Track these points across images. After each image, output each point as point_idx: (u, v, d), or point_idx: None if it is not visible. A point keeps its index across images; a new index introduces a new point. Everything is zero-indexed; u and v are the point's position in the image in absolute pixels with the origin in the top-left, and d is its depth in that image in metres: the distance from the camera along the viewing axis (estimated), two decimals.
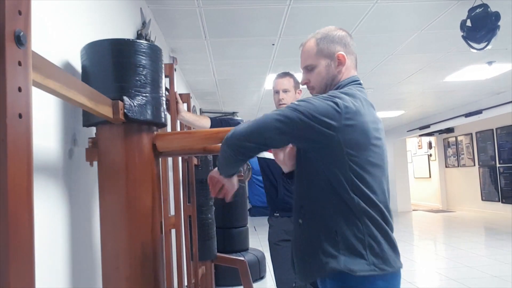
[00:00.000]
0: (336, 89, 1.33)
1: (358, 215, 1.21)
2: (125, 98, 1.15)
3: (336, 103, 1.19)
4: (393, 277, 1.32)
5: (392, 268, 1.29)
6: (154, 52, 1.25)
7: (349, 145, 1.20)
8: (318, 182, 1.24)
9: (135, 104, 1.17)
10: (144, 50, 1.21)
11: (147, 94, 1.20)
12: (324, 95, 1.24)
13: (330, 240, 1.21)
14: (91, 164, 1.25)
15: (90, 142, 1.24)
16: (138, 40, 1.24)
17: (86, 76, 1.20)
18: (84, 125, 1.24)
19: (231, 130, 1.23)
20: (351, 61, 1.38)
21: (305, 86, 1.48)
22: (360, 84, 1.36)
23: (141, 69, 1.20)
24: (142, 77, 1.20)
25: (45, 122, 1.13)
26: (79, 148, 1.31)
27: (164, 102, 1.30)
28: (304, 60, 1.40)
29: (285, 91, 2.44)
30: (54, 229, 1.14)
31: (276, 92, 2.48)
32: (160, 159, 1.35)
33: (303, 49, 1.41)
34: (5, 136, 0.49)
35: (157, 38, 3.04)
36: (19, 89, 0.51)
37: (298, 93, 2.46)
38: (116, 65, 1.17)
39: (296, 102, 1.21)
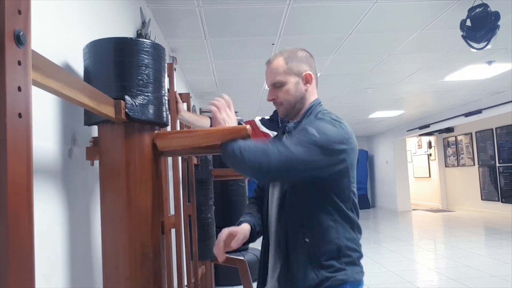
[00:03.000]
0: (310, 108, 1.41)
1: (354, 230, 1.35)
2: (127, 97, 1.15)
3: (342, 127, 1.30)
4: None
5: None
6: (157, 51, 1.25)
7: (351, 166, 1.32)
8: (322, 201, 1.32)
9: (137, 103, 1.16)
10: (147, 49, 1.20)
11: (149, 94, 1.20)
12: (330, 120, 1.32)
13: (334, 255, 1.30)
14: (92, 163, 1.25)
15: (91, 141, 1.24)
16: (141, 39, 1.23)
17: (88, 75, 1.20)
18: (85, 124, 1.24)
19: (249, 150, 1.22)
20: (315, 80, 1.46)
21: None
22: (322, 105, 1.46)
23: (144, 68, 1.19)
24: (145, 76, 1.19)
25: (45, 122, 1.13)
26: (79, 148, 1.31)
27: (166, 102, 1.30)
28: (272, 77, 1.43)
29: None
30: (54, 228, 1.14)
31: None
32: (161, 158, 1.35)
33: (271, 65, 1.44)
34: (5, 136, 0.48)
35: (156, 37, 3.04)
36: (19, 89, 0.51)
37: None
38: (119, 64, 1.17)
39: (314, 134, 1.24)
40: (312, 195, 1.32)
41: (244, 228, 1.36)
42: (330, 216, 1.30)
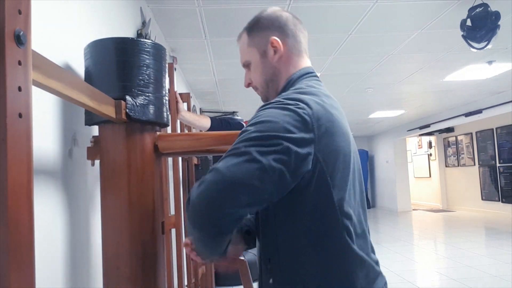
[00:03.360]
0: (286, 85, 1.05)
1: (351, 264, 0.94)
2: (127, 97, 1.15)
3: (298, 109, 0.88)
4: None
5: None
6: (158, 52, 1.25)
7: (325, 165, 0.89)
8: (294, 226, 0.93)
9: (137, 103, 1.16)
10: (148, 49, 1.21)
11: (150, 94, 1.20)
12: (275, 102, 0.93)
13: None
14: (93, 163, 1.25)
15: (92, 141, 1.24)
16: (142, 39, 1.23)
17: (89, 75, 1.20)
18: (86, 124, 1.24)
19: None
20: (292, 46, 1.08)
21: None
22: (315, 76, 1.08)
23: (145, 68, 1.19)
24: (146, 76, 1.19)
25: (45, 122, 1.13)
26: (79, 148, 1.31)
27: (166, 102, 1.30)
28: (241, 57, 1.14)
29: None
30: (54, 228, 1.14)
31: None
32: (162, 158, 1.35)
33: (239, 44, 1.15)
34: (5, 136, 0.48)
35: (157, 37, 3.04)
36: (19, 89, 0.51)
37: None
38: (120, 64, 1.17)
39: (245, 138, 0.86)
40: (277, 217, 0.93)
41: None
42: (303, 246, 0.90)
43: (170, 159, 2.19)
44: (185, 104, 2.10)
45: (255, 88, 1.14)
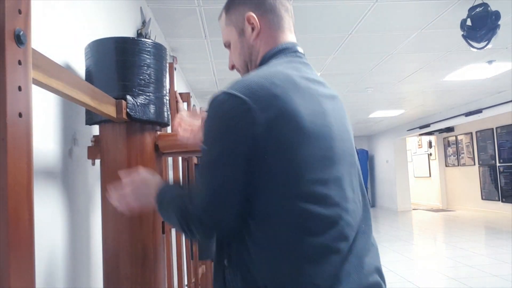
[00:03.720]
0: (260, 65, 0.97)
1: (299, 262, 0.83)
2: (128, 97, 1.15)
3: (242, 99, 0.80)
4: None
5: None
6: (159, 51, 1.25)
7: (281, 146, 0.80)
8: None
9: (138, 103, 1.17)
10: (148, 49, 1.21)
11: (150, 94, 1.20)
12: (217, 98, 0.87)
13: None
14: (93, 163, 1.25)
15: (93, 140, 1.24)
16: (142, 39, 1.24)
17: (90, 74, 1.20)
18: (87, 123, 1.24)
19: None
20: (271, 22, 0.98)
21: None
22: (294, 51, 0.97)
23: (145, 68, 1.19)
24: (146, 76, 1.19)
25: (45, 121, 1.13)
26: (79, 147, 1.31)
27: (167, 102, 1.30)
28: (222, 38, 1.07)
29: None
30: (54, 228, 1.14)
31: None
32: (162, 158, 1.35)
33: (220, 25, 1.08)
34: (5, 135, 0.48)
35: (157, 37, 3.04)
36: (19, 88, 0.51)
37: None
38: (120, 64, 1.17)
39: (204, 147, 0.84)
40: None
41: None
42: (243, 241, 0.83)
43: (170, 159, 2.19)
44: (185, 103, 2.10)
45: (237, 70, 1.06)
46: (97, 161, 1.25)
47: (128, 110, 1.14)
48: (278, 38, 0.99)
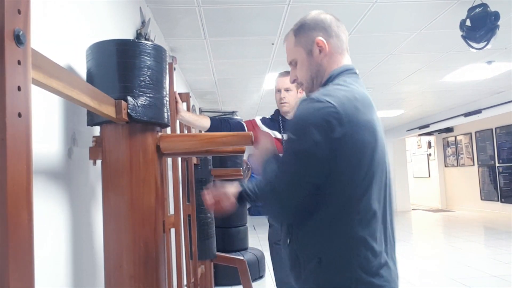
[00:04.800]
0: (327, 81, 1.19)
1: (359, 247, 1.09)
2: (129, 98, 1.16)
3: (325, 107, 1.03)
4: None
5: None
6: (159, 53, 1.26)
7: (345, 161, 1.04)
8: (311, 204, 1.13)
9: (139, 104, 1.18)
10: (149, 51, 1.22)
11: (151, 95, 1.21)
12: (310, 99, 1.08)
13: (312, 266, 1.12)
14: (94, 163, 1.25)
15: (94, 141, 1.24)
16: (143, 41, 1.25)
17: (91, 76, 1.22)
18: (88, 124, 1.25)
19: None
20: (336, 46, 1.22)
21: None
22: (354, 73, 1.22)
23: (146, 69, 1.21)
24: (147, 77, 1.21)
25: (45, 122, 1.13)
26: (79, 148, 1.31)
27: (167, 103, 1.31)
28: (287, 56, 1.29)
29: (287, 90, 2.45)
30: (55, 228, 1.14)
31: (278, 90, 2.48)
32: (163, 158, 1.36)
33: (285, 45, 1.30)
34: (5, 136, 0.48)
35: (156, 37, 3.04)
36: (19, 88, 0.51)
37: (300, 92, 2.46)
38: (121, 66, 1.18)
39: (292, 137, 1.07)
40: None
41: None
42: (313, 222, 1.08)
43: (169, 159, 2.19)
44: (185, 104, 2.10)
45: (300, 83, 1.27)
46: (98, 161, 1.25)
47: (129, 111, 1.15)
48: (341, 60, 1.24)
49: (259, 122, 2.54)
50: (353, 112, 1.04)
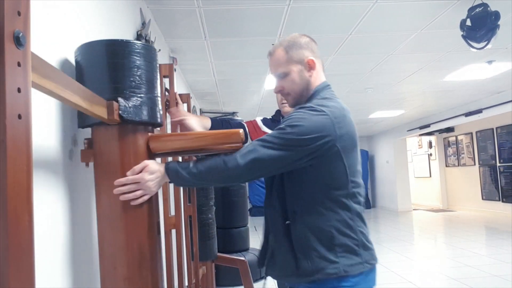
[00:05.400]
0: (313, 94, 1.40)
1: (353, 218, 1.30)
2: (120, 99, 1.15)
3: (323, 114, 1.27)
4: (374, 270, 1.36)
5: (375, 260, 1.36)
6: (149, 52, 1.25)
7: (345, 151, 1.28)
8: (313, 187, 1.30)
9: (130, 105, 1.16)
10: (138, 50, 1.21)
11: (142, 95, 1.20)
12: (309, 107, 1.30)
13: (326, 244, 1.26)
14: (87, 165, 1.25)
15: (86, 143, 1.24)
16: (132, 41, 1.24)
17: (81, 77, 1.20)
18: (79, 127, 1.24)
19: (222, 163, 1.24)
20: (320, 65, 1.45)
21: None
22: (331, 88, 1.46)
23: (136, 69, 1.19)
24: (137, 77, 1.19)
25: (45, 123, 1.13)
26: (79, 149, 1.31)
27: (159, 102, 1.30)
28: (275, 68, 1.43)
29: None
30: (53, 229, 1.14)
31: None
32: (156, 159, 1.35)
33: (272, 58, 1.44)
34: (5, 137, 0.49)
35: (157, 38, 3.04)
36: (19, 90, 0.51)
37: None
38: (111, 66, 1.17)
39: (288, 131, 1.24)
40: (302, 181, 1.30)
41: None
42: (320, 203, 1.28)
43: (169, 160, 2.18)
44: (185, 105, 2.10)
45: (287, 94, 1.44)
46: (90, 164, 1.25)
47: (120, 112, 1.14)
48: (321, 77, 1.47)
49: (260, 123, 2.54)
50: (343, 119, 1.30)
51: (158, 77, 1.31)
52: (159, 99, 1.30)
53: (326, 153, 1.26)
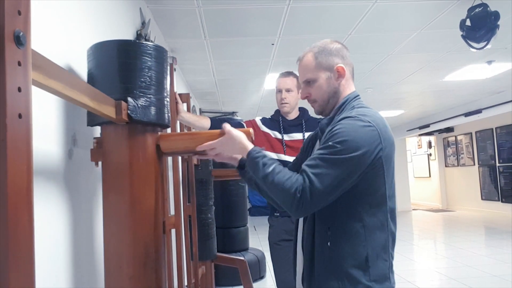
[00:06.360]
0: (344, 103, 1.34)
1: (387, 237, 1.24)
2: (129, 99, 1.16)
3: (373, 126, 1.21)
4: None
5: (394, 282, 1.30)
6: (160, 54, 1.26)
7: (385, 167, 1.24)
8: (352, 205, 1.23)
9: (139, 105, 1.17)
10: (150, 51, 1.22)
11: (151, 96, 1.21)
12: (352, 118, 1.23)
13: (360, 264, 1.20)
14: (97, 165, 1.25)
15: (95, 143, 1.24)
16: (144, 42, 1.25)
17: (92, 76, 1.21)
18: (88, 125, 1.25)
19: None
20: (349, 72, 1.40)
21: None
22: (360, 98, 1.39)
23: (147, 70, 1.21)
24: (147, 78, 1.21)
25: (45, 122, 1.13)
26: (79, 148, 1.31)
27: (167, 103, 1.31)
28: (303, 74, 1.39)
29: (288, 90, 2.45)
30: (55, 229, 1.14)
31: (279, 91, 2.48)
32: (163, 159, 1.35)
33: (301, 63, 1.41)
34: (5, 137, 0.48)
35: (156, 38, 3.04)
36: (19, 89, 0.51)
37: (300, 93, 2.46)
38: (122, 66, 1.18)
39: (337, 147, 1.16)
40: (341, 197, 1.20)
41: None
42: (358, 221, 1.21)
43: (170, 160, 2.19)
44: (185, 104, 2.10)
45: (313, 101, 1.39)
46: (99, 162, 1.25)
47: (129, 111, 1.15)
48: (351, 85, 1.40)
49: (259, 123, 2.54)
50: (385, 130, 1.25)
51: (168, 78, 1.32)
52: (168, 100, 1.31)
53: (373, 166, 1.20)
